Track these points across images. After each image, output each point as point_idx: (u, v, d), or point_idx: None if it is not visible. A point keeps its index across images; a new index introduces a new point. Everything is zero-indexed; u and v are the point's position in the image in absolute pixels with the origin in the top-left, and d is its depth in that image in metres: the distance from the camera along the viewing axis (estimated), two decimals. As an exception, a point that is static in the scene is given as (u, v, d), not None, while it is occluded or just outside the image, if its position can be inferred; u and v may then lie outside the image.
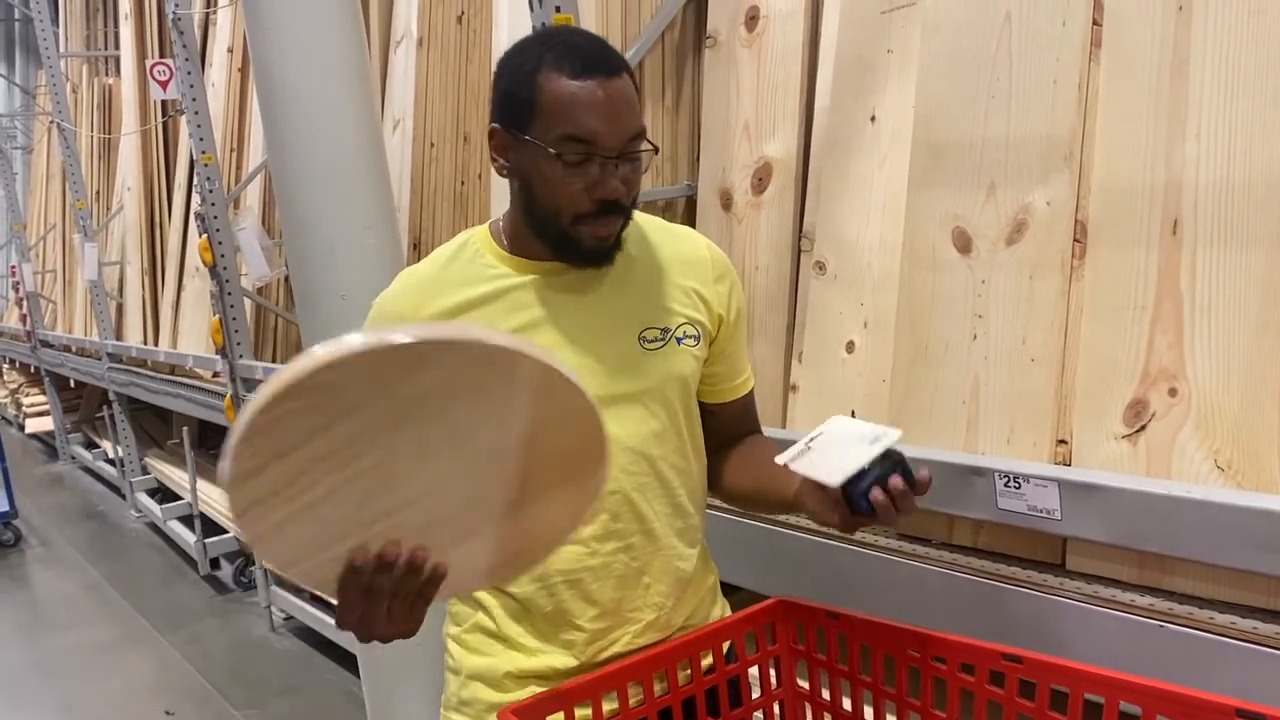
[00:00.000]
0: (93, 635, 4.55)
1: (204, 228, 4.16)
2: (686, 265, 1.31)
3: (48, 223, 8.95)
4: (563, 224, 1.18)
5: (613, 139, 1.15)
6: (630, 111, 1.16)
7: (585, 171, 1.15)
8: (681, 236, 1.35)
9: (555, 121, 1.14)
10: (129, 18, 6.15)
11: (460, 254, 1.28)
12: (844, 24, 2.06)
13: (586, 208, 1.16)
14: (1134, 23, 1.55)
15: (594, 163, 1.15)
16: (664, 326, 1.27)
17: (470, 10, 3.41)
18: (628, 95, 1.17)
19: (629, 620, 1.28)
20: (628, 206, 1.20)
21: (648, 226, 1.33)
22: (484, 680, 1.30)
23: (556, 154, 1.14)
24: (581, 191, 1.15)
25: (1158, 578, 1.44)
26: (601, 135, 1.14)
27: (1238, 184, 1.43)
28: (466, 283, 1.25)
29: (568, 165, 1.15)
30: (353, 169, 2.41)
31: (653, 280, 1.29)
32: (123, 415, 6.66)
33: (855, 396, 1.98)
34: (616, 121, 1.14)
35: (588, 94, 1.13)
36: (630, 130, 1.16)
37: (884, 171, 1.97)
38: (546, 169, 1.16)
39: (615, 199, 1.16)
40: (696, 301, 1.30)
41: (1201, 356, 1.44)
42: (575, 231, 1.18)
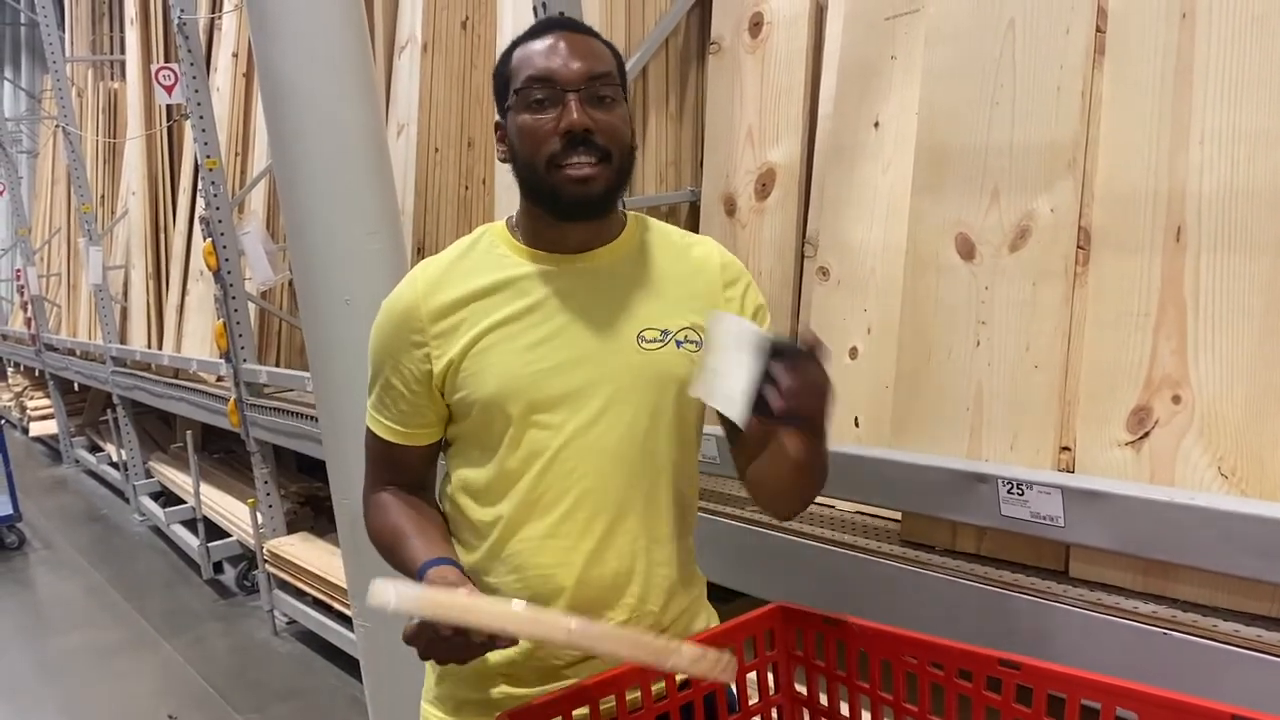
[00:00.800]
0: (95, 638, 4.56)
1: (208, 232, 4.17)
2: (696, 272, 1.32)
3: (53, 226, 8.97)
4: (541, 172, 1.20)
5: (570, 74, 1.18)
6: (592, 55, 1.21)
7: (548, 110, 1.19)
8: (695, 244, 1.35)
9: (520, 73, 1.21)
10: (134, 23, 6.17)
11: (476, 245, 1.30)
12: (848, 30, 2.06)
13: (556, 146, 1.18)
14: (1138, 30, 1.55)
15: (555, 99, 1.18)
16: (664, 328, 1.27)
17: (475, 16, 3.42)
18: (590, 45, 1.22)
19: (606, 620, 1.27)
20: (604, 148, 1.20)
21: (662, 233, 1.35)
22: (457, 675, 1.30)
23: (519, 94, 1.20)
24: (550, 130, 1.19)
25: (1161, 585, 1.44)
26: (558, 71, 1.19)
27: (1241, 191, 1.42)
28: (477, 273, 1.26)
29: (532, 106, 1.19)
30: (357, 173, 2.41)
31: (659, 282, 1.29)
32: (126, 419, 6.67)
33: (858, 402, 1.98)
34: (574, 59, 1.19)
35: (545, 43, 1.21)
36: (591, 69, 1.20)
37: (888, 177, 1.97)
38: (519, 118, 1.21)
39: (579, 130, 1.18)
40: (703, 308, 1.29)
41: (1205, 363, 1.44)
42: (553, 178, 1.20)
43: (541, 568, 1.25)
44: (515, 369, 1.23)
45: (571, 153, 1.18)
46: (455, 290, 1.25)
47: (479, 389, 1.23)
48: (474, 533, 1.30)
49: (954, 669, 1.13)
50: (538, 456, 1.24)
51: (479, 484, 1.29)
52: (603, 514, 1.25)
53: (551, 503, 1.24)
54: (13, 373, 11.22)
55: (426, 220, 3.39)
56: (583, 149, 1.18)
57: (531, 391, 1.22)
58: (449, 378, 1.25)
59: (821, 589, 1.81)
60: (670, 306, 1.28)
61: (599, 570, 1.25)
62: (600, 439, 1.24)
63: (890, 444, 1.81)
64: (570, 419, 1.23)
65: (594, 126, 1.18)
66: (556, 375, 1.23)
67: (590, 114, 1.18)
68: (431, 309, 1.25)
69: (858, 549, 1.77)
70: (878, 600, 1.71)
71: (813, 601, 1.33)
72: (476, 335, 1.23)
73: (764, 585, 1.88)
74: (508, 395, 1.23)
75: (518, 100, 1.21)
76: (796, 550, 1.85)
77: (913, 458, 1.70)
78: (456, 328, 1.24)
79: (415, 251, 3.32)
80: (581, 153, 1.18)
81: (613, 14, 2.45)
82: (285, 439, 3.96)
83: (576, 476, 1.24)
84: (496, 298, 1.24)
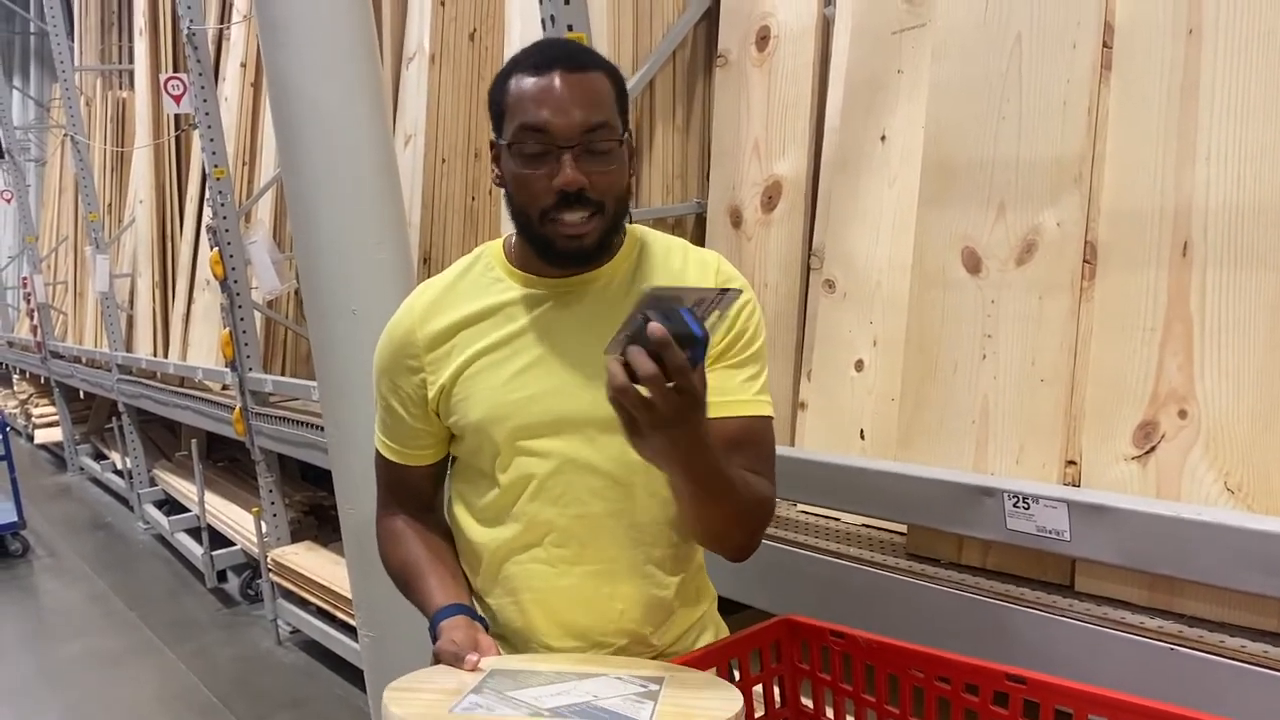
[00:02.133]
0: (99, 646, 4.55)
1: (215, 241, 4.18)
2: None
3: (60, 234, 9.00)
4: (534, 223, 1.18)
5: (566, 128, 1.13)
6: (590, 103, 1.15)
7: (544, 164, 1.15)
8: (695, 258, 1.31)
9: (515, 116, 1.16)
10: (144, 32, 6.20)
11: (473, 267, 1.31)
12: (854, 44, 2.07)
13: (549, 201, 1.15)
14: (1144, 45, 1.56)
15: (551, 154, 1.14)
16: None
17: (483, 27, 3.43)
18: (589, 87, 1.16)
19: (600, 644, 1.27)
20: (598, 201, 1.16)
21: (664, 248, 1.31)
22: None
23: (512, 145, 1.16)
24: (544, 185, 1.15)
25: (1168, 600, 1.44)
26: (554, 125, 1.13)
27: (1248, 206, 1.43)
28: (472, 297, 1.27)
29: (525, 158, 1.15)
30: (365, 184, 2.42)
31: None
32: (131, 427, 6.68)
33: (864, 415, 1.98)
34: (570, 111, 1.14)
35: (542, 85, 1.15)
36: (588, 120, 1.14)
37: (894, 191, 1.97)
38: (512, 165, 1.17)
39: (574, 190, 1.14)
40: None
41: (1211, 378, 1.44)
42: (546, 230, 1.17)
43: (536, 592, 1.26)
44: (499, 396, 1.23)
45: (564, 209, 1.15)
46: (448, 316, 1.26)
47: (467, 415, 1.25)
48: (474, 553, 1.31)
49: (961, 683, 1.13)
50: (528, 482, 1.24)
51: (477, 505, 1.30)
52: (596, 539, 1.24)
53: (544, 527, 1.24)
54: (18, 380, 11.25)
55: (433, 231, 3.39)
56: (576, 204, 1.15)
57: (516, 418, 1.22)
58: (442, 402, 1.27)
59: (826, 602, 1.81)
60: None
61: (594, 595, 1.25)
62: (590, 464, 1.23)
63: (896, 457, 1.81)
64: (559, 445, 1.22)
65: (587, 185, 1.15)
66: (541, 402, 1.22)
67: (585, 169, 1.14)
68: (426, 335, 1.26)
69: (863, 562, 1.76)
70: (882, 613, 1.71)
71: (817, 614, 1.33)
72: (465, 362, 1.24)
73: (768, 597, 1.88)
74: (492, 421, 1.23)
75: (511, 148, 1.17)
76: (801, 563, 1.85)
77: (918, 471, 1.70)
78: (449, 354, 1.25)
79: (422, 262, 3.33)
80: (575, 209, 1.15)
81: (620, 26, 2.47)
82: (290, 448, 3.96)
83: (567, 501, 1.23)
84: (485, 324, 1.25)
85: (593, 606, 1.26)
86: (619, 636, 1.27)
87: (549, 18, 2.16)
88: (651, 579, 1.28)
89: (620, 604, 1.26)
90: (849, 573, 1.77)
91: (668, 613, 1.30)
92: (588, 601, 1.26)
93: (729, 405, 1.23)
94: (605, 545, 1.25)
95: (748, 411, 1.25)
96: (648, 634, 1.29)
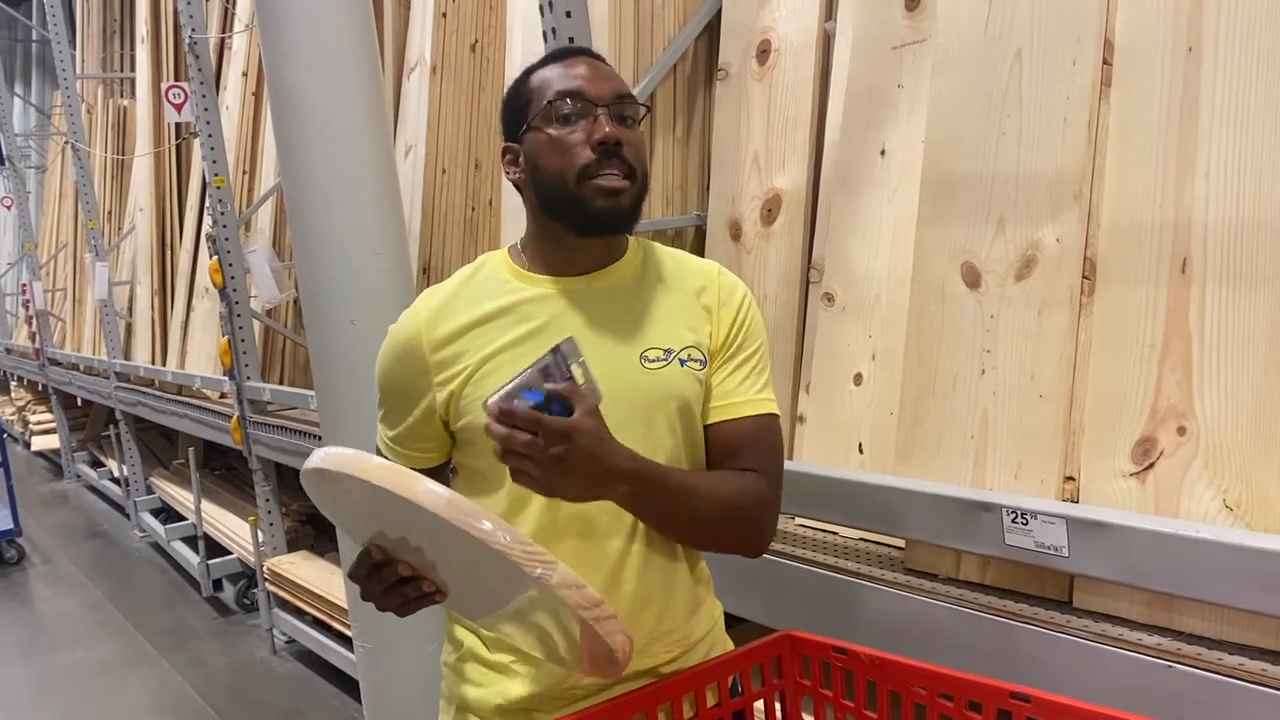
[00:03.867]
0: (94, 655, 4.54)
1: (215, 249, 4.18)
2: (698, 291, 1.32)
3: (59, 241, 9.00)
4: (571, 185, 1.21)
5: (599, 90, 1.22)
6: (616, 79, 1.25)
7: (579, 125, 1.21)
8: (697, 265, 1.36)
9: (546, 91, 1.24)
10: (145, 41, 6.21)
11: (478, 273, 1.31)
12: (855, 58, 2.08)
13: (589, 156, 1.20)
14: (1144, 62, 1.57)
15: (586, 113, 1.21)
16: (667, 347, 1.26)
17: (484, 39, 3.44)
18: (612, 71, 1.27)
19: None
20: (631, 163, 1.22)
21: (666, 254, 1.35)
22: (476, 713, 1.29)
23: (550, 107, 1.21)
24: (581, 142, 1.20)
25: (1166, 617, 1.44)
26: (587, 88, 1.22)
27: (1247, 223, 1.43)
28: (481, 299, 1.27)
29: (562, 120, 1.21)
30: (365, 194, 2.43)
31: (661, 302, 1.29)
32: (129, 434, 6.67)
33: (863, 428, 1.98)
34: (600, 81, 1.23)
35: (569, 65, 1.25)
36: (617, 89, 1.24)
37: (893, 205, 1.97)
38: (546, 136, 1.22)
39: (613, 142, 1.20)
40: (702, 325, 1.30)
41: (1210, 395, 1.44)
42: (583, 190, 1.20)
43: None
44: None
45: (605, 164, 1.20)
46: (457, 319, 1.26)
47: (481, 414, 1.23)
48: None
49: (963, 701, 1.13)
50: None
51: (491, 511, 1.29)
52: (616, 536, 1.24)
53: (564, 527, 1.24)
54: (16, 387, 11.23)
55: (433, 241, 3.40)
56: (615, 160, 1.20)
57: None
58: (452, 406, 1.26)
59: (824, 616, 1.80)
60: (672, 326, 1.28)
61: (616, 593, 1.25)
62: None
63: (894, 471, 1.80)
64: None
65: (624, 140, 1.21)
66: None
67: (620, 133, 1.21)
68: (434, 339, 1.26)
69: (861, 576, 1.76)
70: (880, 628, 1.71)
71: (815, 629, 1.33)
72: (479, 362, 1.24)
73: (765, 611, 1.87)
74: None
75: (544, 115, 1.22)
76: (799, 577, 1.85)
77: (917, 485, 1.70)
78: (459, 356, 1.25)
79: (421, 272, 3.33)
80: (615, 164, 1.20)
81: (621, 39, 2.47)
82: (288, 457, 3.96)
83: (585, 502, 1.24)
84: (498, 323, 1.25)
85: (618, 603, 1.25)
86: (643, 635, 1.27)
87: (550, 30, 2.17)
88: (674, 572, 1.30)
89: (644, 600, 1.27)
90: (846, 587, 1.77)
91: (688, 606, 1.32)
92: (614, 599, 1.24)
93: (726, 409, 1.28)
94: (627, 541, 1.25)
95: (746, 412, 1.28)
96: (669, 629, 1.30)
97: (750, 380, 1.30)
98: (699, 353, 1.28)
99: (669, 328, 1.28)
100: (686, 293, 1.31)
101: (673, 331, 1.28)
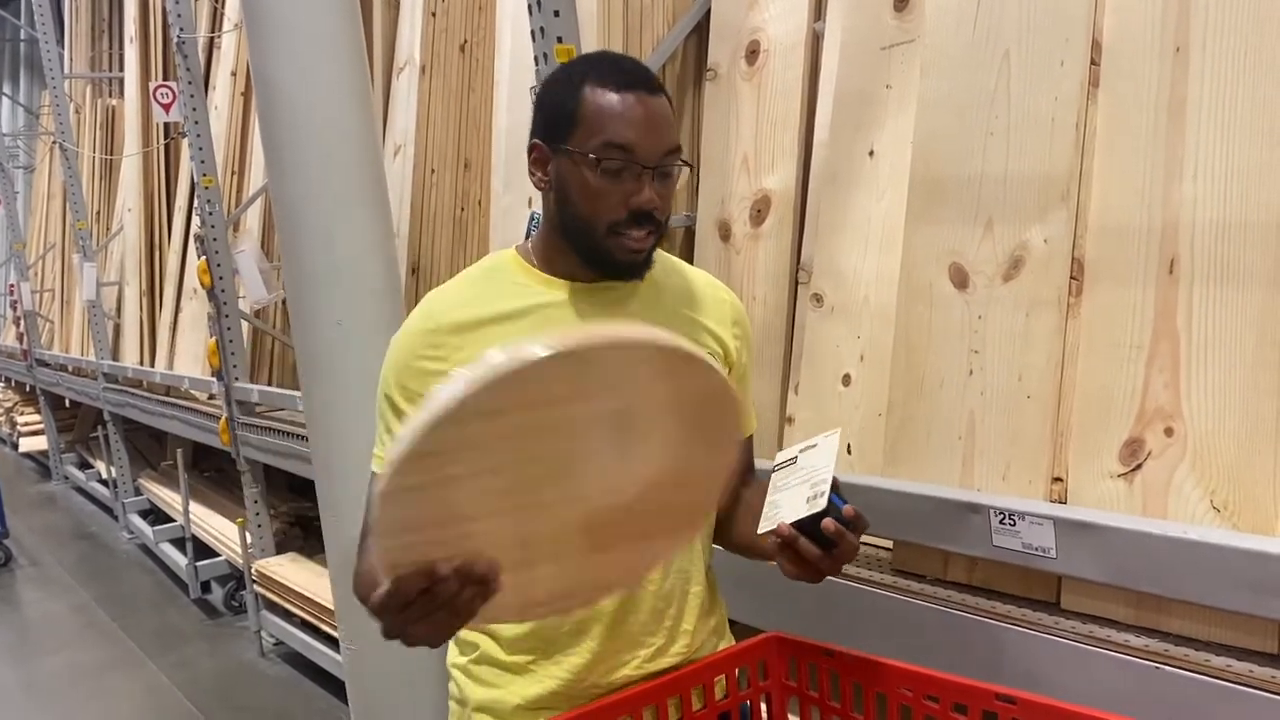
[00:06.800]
0: (81, 658, 4.52)
1: (203, 250, 4.17)
2: (710, 304, 1.35)
3: (47, 242, 8.96)
4: (597, 234, 1.20)
5: (650, 150, 1.18)
6: (668, 127, 1.21)
7: (622, 180, 1.18)
8: (704, 278, 1.39)
9: (596, 130, 1.18)
10: (134, 40, 6.19)
11: (491, 273, 1.29)
12: (844, 59, 2.07)
13: (621, 215, 1.19)
14: (1132, 63, 1.56)
15: (631, 172, 1.18)
16: None
17: (474, 39, 3.43)
18: (666, 112, 1.21)
19: (640, 644, 1.29)
20: (660, 221, 1.21)
21: (671, 260, 1.37)
22: (492, 713, 1.29)
23: (596, 160, 1.17)
24: (618, 200, 1.18)
25: (1154, 618, 1.43)
26: (640, 146, 1.17)
27: (1235, 224, 1.43)
28: (500, 297, 1.25)
29: (606, 173, 1.18)
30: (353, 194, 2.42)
31: (680, 310, 1.31)
32: (117, 436, 6.64)
33: (851, 430, 1.98)
34: (655, 134, 1.18)
35: (629, 106, 1.18)
36: (667, 144, 1.20)
37: (882, 206, 1.97)
38: (585, 177, 1.19)
39: (649, 210, 1.19)
40: (714, 340, 1.33)
41: (1198, 396, 1.44)
42: (609, 242, 1.20)
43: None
44: None
45: (634, 226, 1.19)
46: (477, 309, 1.24)
47: None
48: None
49: (949, 702, 1.12)
50: None
51: None
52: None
53: None
54: (3, 388, 11.18)
55: (422, 242, 3.38)
56: (645, 222, 1.20)
57: None
58: None
59: (810, 617, 1.80)
60: (689, 332, 1.30)
61: (641, 592, 1.27)
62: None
63: (882, 472, 1.80)
64: None
65: (659, 206, 1.20)
66: None
67: (658, 192, 1.19)
68: (452, 322, 1.23)
69: (848, 577, 1.76)
70: (868, 629, 1.70)
71: (801, 629, 1.33)
72: None
73: (752, 612, 1.87)
74: None
75: (590, 161, 1.18)
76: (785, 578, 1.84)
77: (905, 486, 1.70)
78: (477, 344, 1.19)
79: (410, 273, 3.32)
80: (644, 227, 1.20)
81: (610, 39, 2.47)
82: (276, 458, 3.94)
83: None
84: (522, 324, 1.23)
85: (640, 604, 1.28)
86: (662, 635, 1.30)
87: (539, 29, 2.16)
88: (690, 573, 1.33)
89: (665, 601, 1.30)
90: (833, 588, 1.76)
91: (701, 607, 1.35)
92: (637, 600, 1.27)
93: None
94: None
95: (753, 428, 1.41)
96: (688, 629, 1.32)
97: (748, 398, 1.38)
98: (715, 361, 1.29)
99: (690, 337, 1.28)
100: (700, 301, 1.34)
101: (696, 340, 1.29)
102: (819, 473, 1.13)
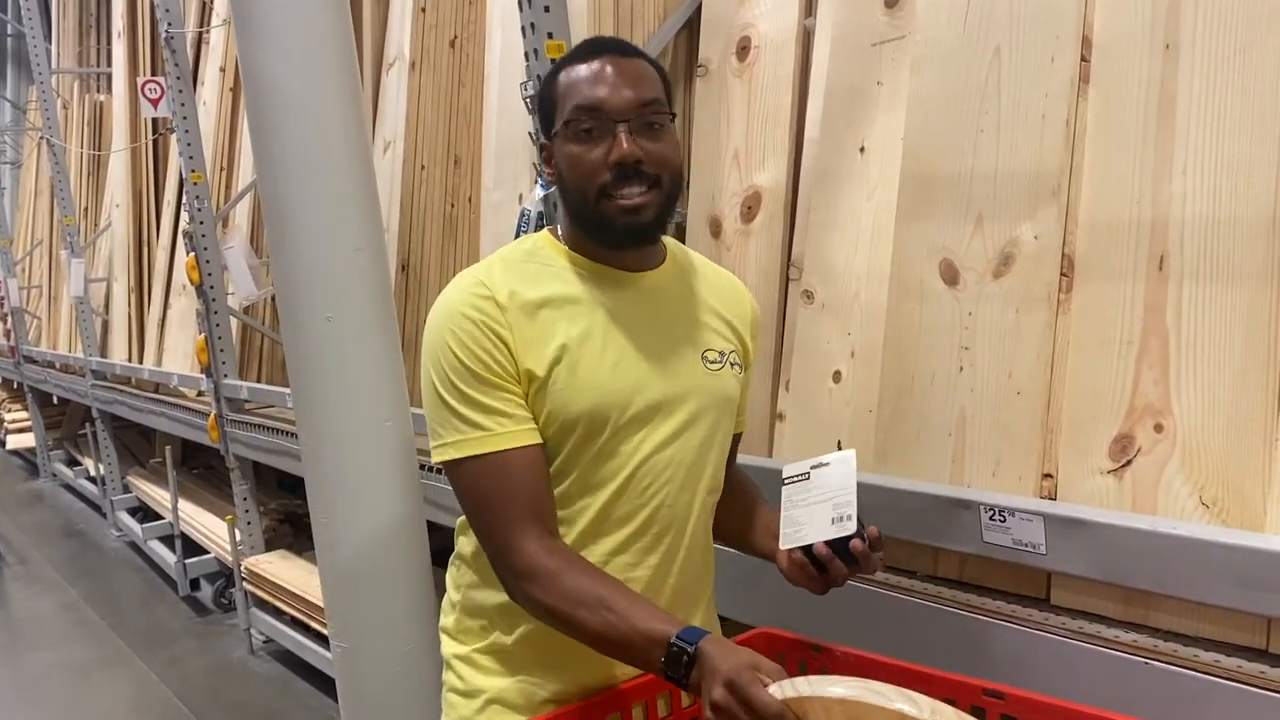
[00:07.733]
0: (69, 656, 4.50)
1: (192, 246, 4.15)
2: (734, 304, 1.37)
3: (35, 238, 8.91)
4: (591, 202, 1.19)
5: (620, 104, 1.17)
6: (642, 81, 1.19)
7: (598, 140, 1.18)
8: (729, 277, 1.42)
9: (568, 100, 1.19)
10: (122, 35, 6.16)
11: (535, 254, 1.27)
12: (835, 56, 2.07)
13: (606, 177, 1.18)
14: (1122, 60, 1.57)
15: (604, 129, 1.17)
16: (720, 349, 1.31)
17: (463, 35, 3.42)
18: (639, 69, 1.20)
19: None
20: (654, 175, 1.19)
21: (699, 260, 1.39)
22: (501, 702, 1.29)
23: (568, 125, 1.18)
24: (599, 160, 1.18)
25: (1143, 614, 1.44)
26: (609, 101, 1.17)
27: (1224, 220, 1.43)
28: (551, 279, 1.24)
29: (580, 136, 1.18)
30: (342, 190, 2.40)
31: (707, 305, 1.33)
32: (105, 433, 6.62)
33: (842, 426, 1.98)
34: (623, 88, 1.18)
35: (594, 69, 1.19)
36: (641, 97, 1.18)
37: (873, 202, 1.97)
38: (567, 148, 1.20)
39: (630, 161, 1.17)
40: (737, 339, 1.35)
41: (1187, 392, 1.44)
42: (604, 208, 1.19)
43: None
44: (606, 384, 1.20)
45: (622, 183, 1.18)
46: (532, 289, 1.21)
47: (572, 404, 1.19)
48: None
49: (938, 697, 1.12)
50: (619, 472, 1.22)
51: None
52: (670, 530, 1.26)
53: (623, 519, 1.24)
54: (-9, 385, 11.12)
55: (411, 238, 3.37)
56: (634, 178, 1.18)
57: (623, 406, 1.21)
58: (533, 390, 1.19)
59: (800, 613, 1.79)
60: (719, 329, 1.33)
61: (662, 586, 1.27)
62: (675, 455, 1.25)
63: (873, 469, 1.80)
64: (650, 434, 1.23)
65: (644, 156, 1.18)
66: (643, 390, 1.23)
67: (640, 143, 1.17)
68: (507, 294, 1.20)
69: (840, 574, 1.76)
70: (858, 625, 1.70)
71: (791, 625, 1.33)
72: (560, 348, 1.19)
73: (742, 608, 1.87)
74: (604, 409, 1.20)
75: (566, 130, 1.19)
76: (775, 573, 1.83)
77: (895, 483, 1.70)
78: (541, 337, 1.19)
79: (400, 269, 3.31)
80: (632, 183, 1.18)
81: (600, 34, 2.46)
82: (265, 455, 3.93)
83: (651, 493, 1.24)
84: (576, 308, 1.22)
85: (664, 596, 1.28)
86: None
87: (529, 25, 2.16)
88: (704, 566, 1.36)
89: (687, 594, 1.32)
90: (826, 585, 1.76)
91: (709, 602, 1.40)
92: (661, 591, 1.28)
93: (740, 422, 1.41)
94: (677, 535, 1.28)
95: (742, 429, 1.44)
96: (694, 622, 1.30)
97: (746, 400, 1.41)
98: (738, 358, 1.34)
99: (718, 332, 1.32)
100: (726, 303, 1.36)
101: (721, 335, 1.32)
102: (841, 494, 1.17)
